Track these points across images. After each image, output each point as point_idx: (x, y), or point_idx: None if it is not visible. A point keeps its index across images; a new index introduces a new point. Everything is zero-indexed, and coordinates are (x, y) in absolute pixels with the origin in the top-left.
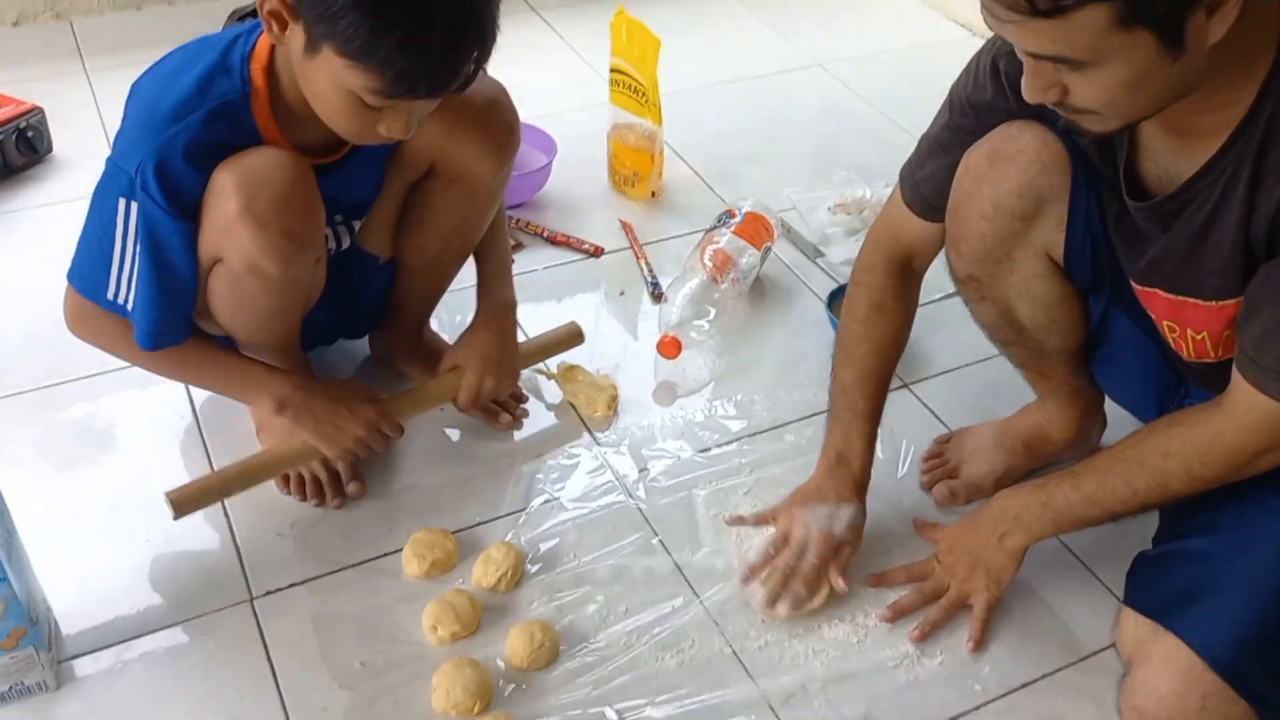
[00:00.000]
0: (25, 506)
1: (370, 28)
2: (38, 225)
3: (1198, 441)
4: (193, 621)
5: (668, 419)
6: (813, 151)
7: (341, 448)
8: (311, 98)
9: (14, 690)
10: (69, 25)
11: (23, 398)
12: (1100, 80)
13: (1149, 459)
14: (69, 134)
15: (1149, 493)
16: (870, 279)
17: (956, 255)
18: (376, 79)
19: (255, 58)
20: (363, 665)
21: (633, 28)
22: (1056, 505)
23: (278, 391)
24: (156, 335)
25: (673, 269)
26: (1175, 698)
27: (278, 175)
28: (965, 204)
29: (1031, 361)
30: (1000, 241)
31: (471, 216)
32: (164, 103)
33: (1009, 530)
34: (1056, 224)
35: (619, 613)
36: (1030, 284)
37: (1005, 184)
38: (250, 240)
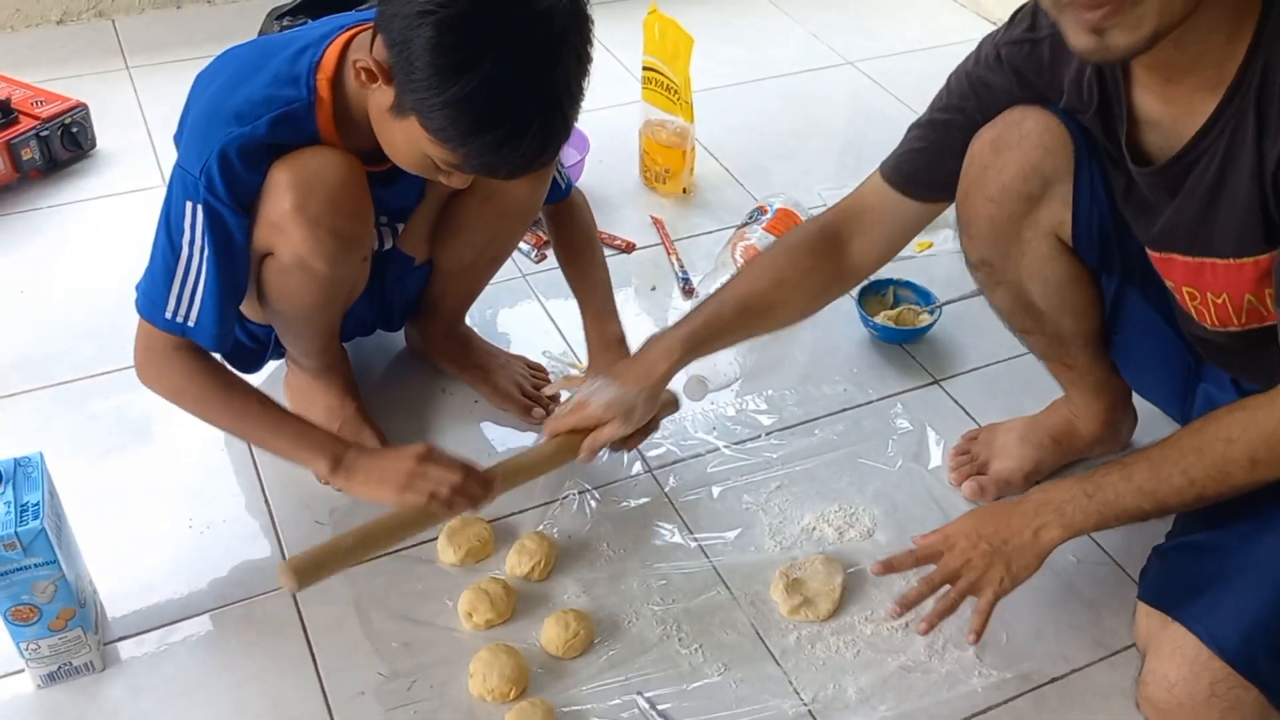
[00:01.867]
0: (73, 492)
1: (465, 128)
2: (82, 220)
3: (1263, 425)
4: (234, 606)
5: (699, 413)
6: (843, 149)
7: (425, 495)
8: (385, 142)
9: (62, 670)
10: (111, 23)
11: (69, 387)
12: None
13: (1209, 446)
14: (112, 130)
15: (1207, 483)
16: (802, 226)
17: (968, 240)
18: (460, 160)
19: (322, 69)
20: (400, 647)
21: (666, 26)
22: (1104, 497)
23: (335, 450)
24: (221, 337)
25: (704, 265)
26: (1184, 685)
27: (332, 176)
28: (972, 190)
29: (1053, 351)
30: (1008, 223)
31: (505, 230)
32: (228, 105)
33: (1047, 523)
34: (1062, 204)
35: (652, 603)
36: (1041, 265)
37: (1010, 169)
38: (301, 237)
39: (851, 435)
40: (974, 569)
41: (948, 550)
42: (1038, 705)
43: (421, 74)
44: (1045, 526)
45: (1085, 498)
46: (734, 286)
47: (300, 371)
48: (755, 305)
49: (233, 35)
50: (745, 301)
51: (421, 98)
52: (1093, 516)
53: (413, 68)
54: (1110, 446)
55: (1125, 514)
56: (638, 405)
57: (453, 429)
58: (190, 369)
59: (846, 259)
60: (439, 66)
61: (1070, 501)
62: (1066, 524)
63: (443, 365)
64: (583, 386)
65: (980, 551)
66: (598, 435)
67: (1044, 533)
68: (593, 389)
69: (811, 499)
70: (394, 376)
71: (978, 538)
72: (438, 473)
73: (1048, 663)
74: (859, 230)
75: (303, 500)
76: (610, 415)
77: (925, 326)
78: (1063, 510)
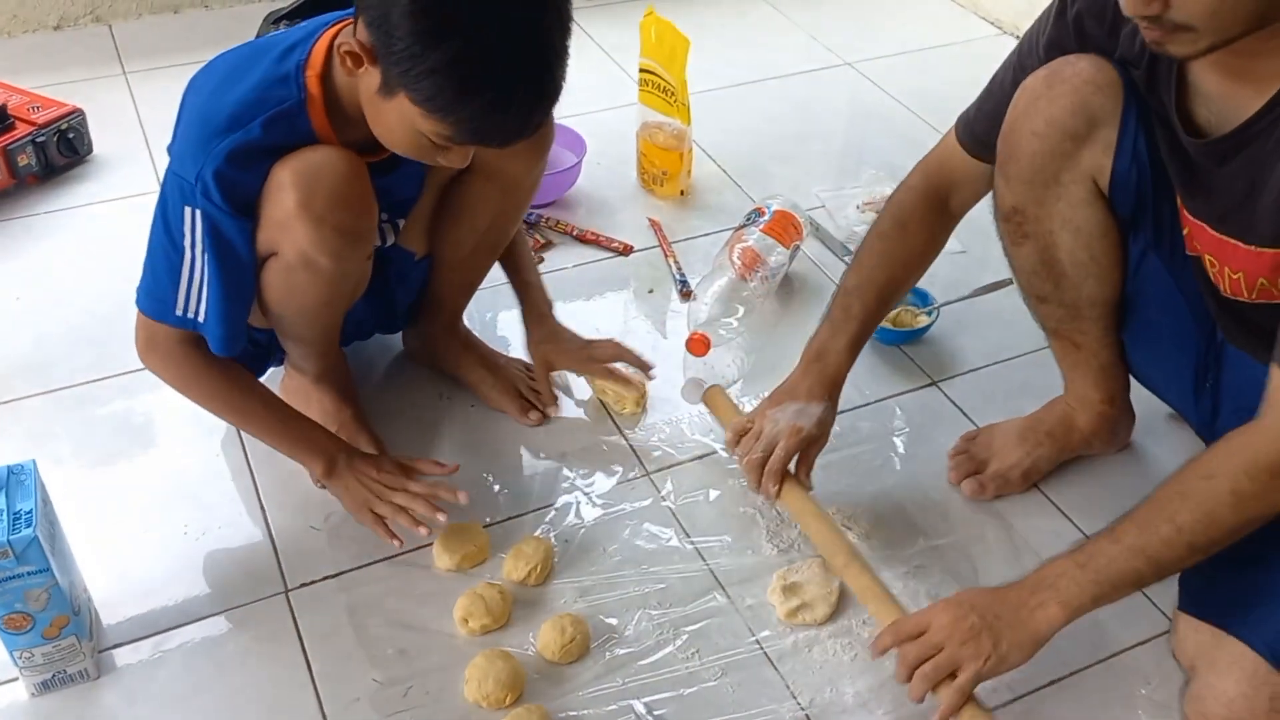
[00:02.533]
0: (68, 499)
1: (455, 93)
2: (79, 225)
3: (1241, 452)
4: (230, 612)
5: (696, 416)
6: (841, 150)
7: (368, 511)
8: (378, 127)
9: (56, 678)
10: (108, 28)
11: (66, 393)
12: None
13: (1191, 488)
14: (109, 135)
15: (1195, 529)
16: (904, 197)
17: (1004, 181)
18: (452, 130)
19: (310, 65)
20: (395, 653)
21: (662, 28)
22: (1096, 565)
23: (331, 452)
24: (231, 340)
25: (701, 267)
26: (1244, 701)
27: (335, 173)
28: (1019, 122)
29: (1065, 323)
30: (1050, 159)
31: (507, 211)
32: (221, 110)
33: (1044, 601)
34: (1105, 149)
35: (649, 607)
36: (1075, 211)
37: (1060, 101)
38: (306, 235)
39: (849, 437)
40: (956, 642)
41: (933, 619)
42: (1035, 709)
43: (403, 44)
44: (1042, 605)
45: (1078, 569)
46: (869, 279)
47: (298, 375)
48: (893, 291)
49: (230, 39)
50: (884, 291)
51: (406, 69)
52: (1089, 588)
53: (393, 40)
54: (1108, 445)
55: (1123, 579)
56: (830, 414)
57: (450, 433)
58: (196, 362)
59: (950, 215)
60: (419, 33)
61: (1064, 575)
62: (1064, 601)
63: (441, 367)
64: (768, 415)
65: (968, 625)
66: (809, 455)
67: (1040, 612)
68: (788, 413)
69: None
70: (392, 381)
71: (969, 609)
72: (388, 495)
73: (1045, 667)
74: (953, 188)
75: (298, 506)
76: (822, 431)
77: (923, 328)
78: (1058, 587)
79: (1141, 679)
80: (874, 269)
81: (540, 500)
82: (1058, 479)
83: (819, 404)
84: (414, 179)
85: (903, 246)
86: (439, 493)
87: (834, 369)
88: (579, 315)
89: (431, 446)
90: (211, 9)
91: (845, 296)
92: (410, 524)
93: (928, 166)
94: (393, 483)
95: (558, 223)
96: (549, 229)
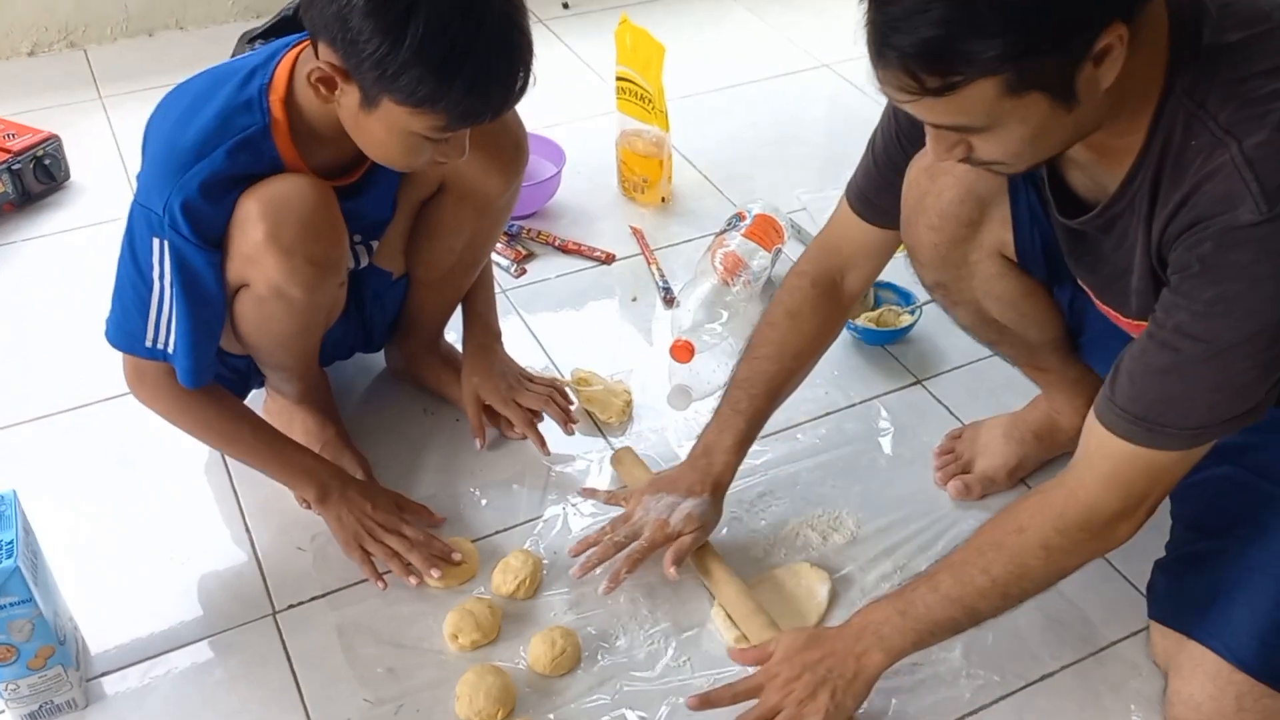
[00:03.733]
0: (51, 528)
1: (435, 77)
2: (57, 252)
3: (1051, 507)
4: (217, 637)
5: (683, 423)
6: (822, 152)
7: (358, 546)
8: (369, 145)
9: (44, 709)
10: (83, 53)
11: (47, 421)
12: (1001, 139)
13: (1004, 539)
14: (86, 161)
15: (1009, 580)
16: (795, 284)
17: (919, 265)
18: (443, 118)
19: (273, 89)
20: (385, 672)
21: (637, 35)
22: (916, 613)
23: (322, 479)
24: (198, 372)
25: (684, 274)
26: (1211, 704)
27: (302, 203)
28: (913, 218)
29: (1023, 357)
30: (953, 247)
31: (483, 231)
32: (185, 140)
33: (868, 648)
34: (1002, 223)
35: (640, 618)
36: (992, 284)
37: (946, 194)
38: (276, 267)
39: (834, 439)
40: (795, 699)
41: (768, 681)
42: (1026, 705)
43: (370, 47)
44: (866, 652)
45: (899, 616)
46: (759, 372)
47: (280, 398)
48: (783, 384)
49: (206, 60)
50: (773, 385)
51: (382, 71)
52: (909, 635)
53: (360, 47)
54: None
55: (939, 627)
56: (711, 512)
57: (435, 450)
58: (184, 392)
59: (843, 296)
60: (382, 29)
61: (886, 623)
62: (887, 648)
63: (424, 384)
64: (643, 502)
65: (804, 682)
66: (681, 545)
67: (865, 658)
68: (660, 504)
69: (795, 504)
70: (375, 398)
71: (801, 667)
72: (381, 535)
73: (1034, 662)
74: (847, 267)
75: (284, 528)
76: (692, 527)
77: (906, 327)
78: (880, 633)
79: (1132, 672)
80: (764, 360)
81: (527, 513)
82: (1044, 476)
83: (695, 499)
84: (385, 200)
85: (795, 336)
86: (432, 546)
87: (719, 468)
88: (563, 326)
89: (417, 462)
90: (187, 30)
91: (735, 390)
92: (402, 571)
93: (819, 249)
94: (387, 523)
95: (539, 234)
96: (530, 240)
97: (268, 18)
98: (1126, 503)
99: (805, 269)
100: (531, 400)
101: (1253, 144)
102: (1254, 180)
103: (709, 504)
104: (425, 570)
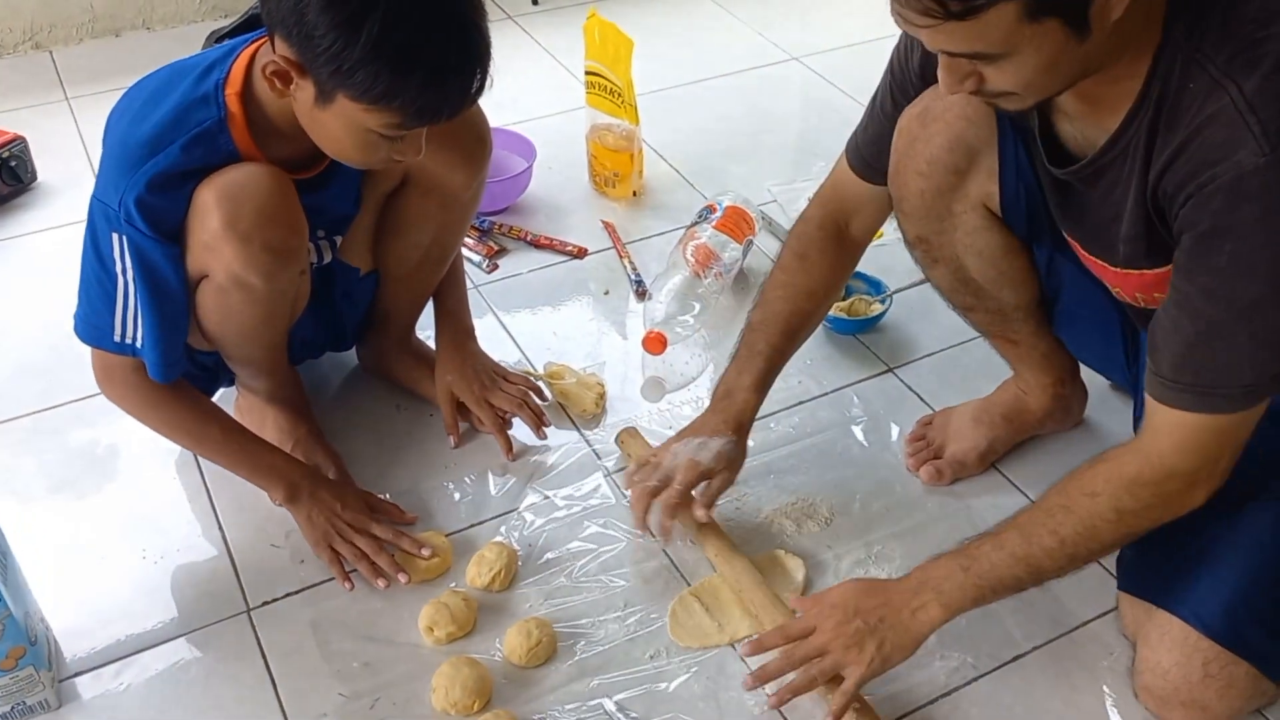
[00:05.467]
0: (22, 529)
1: (390, 74)
2: (25, 254)
3: (1125, 473)
4: (191, 635)
5: (656, 414)
6: (792, 145)
7: (327, 546)
8: (324, 140)
9: (16, 710)
10: (49, 55)
11: (16, 423)
12: (1014, 68)
13: (1075, 501)
14: (53, 162)
15: (1077, 542)
16: (802, 229)
17: (903, 217)
18: (398, 116)
19: (230, 84)
20: (361, 667)
21: (605, 30)
22: (979, 569)
23: (292, 478)
24: (167, 366)
25: (656, 267)
26: (1178, 670)
27: (259, 190)
28: (902, 164)
29: (996, 326)
30: (938, 196)
31: (449, 224)
32: (140, 135)
33: (925, 603)
34: (989, 175)
35: (615, 607)
36: (974, 238)
37: (936, 140)
38: (234, 255)
39: (808, 427)
40: (840, 646)
41: (820, 623)
42: (1000, 684)
43: (326, 41)
44: (924, 606)
45: (962, 572)
46: (773, 314)
47: (251, 395)
48: (799, 324)
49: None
50: (789, 325)
51: (337, 67)
52: (970, 591)
53: (316, 42)
54: (1062, 422)
55: (1002, 585)
56: (737, 451)
57: (408, 445)
58: (153, 390)
59: (851, 239)
60: (338, 25)
61: (948, 578)
62: (945, 602)
63: (396, 379)
64: (670, 448)
65: (852, 629)
66: (711, 488)
67: (922, 613)
68: (688, 446)
69: (769, 492)
70: (347, 395)
71: (853, 613)
72: (351, 535)
73: (1007, 642)
74: (851, 213)
75: (257, 525)
76: (721, 465)
77: (877, 315)
78: (941, 588)
79: (1104, 650)
80: (777, 302)
81: (501, 506)
82: (1014, 458)
83: (721, 438)
84: (349, 195)
85: (805, 278)
86: (401, 544)
87: (740, 406)
88: (535, 320)
89: (390, 458)
90: (154, 30)
91: (751, 333)
92: (370, 573)
93: (823, 196)
94: (356, 522)
95: (511, 229)
96: (502, 235)
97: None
98: (1201, 466)
99: (811, 215)
100: (505, 401)
101: (1252, 86)
102: (1255, 122)
103: (735, 443)
104: (392, 574)
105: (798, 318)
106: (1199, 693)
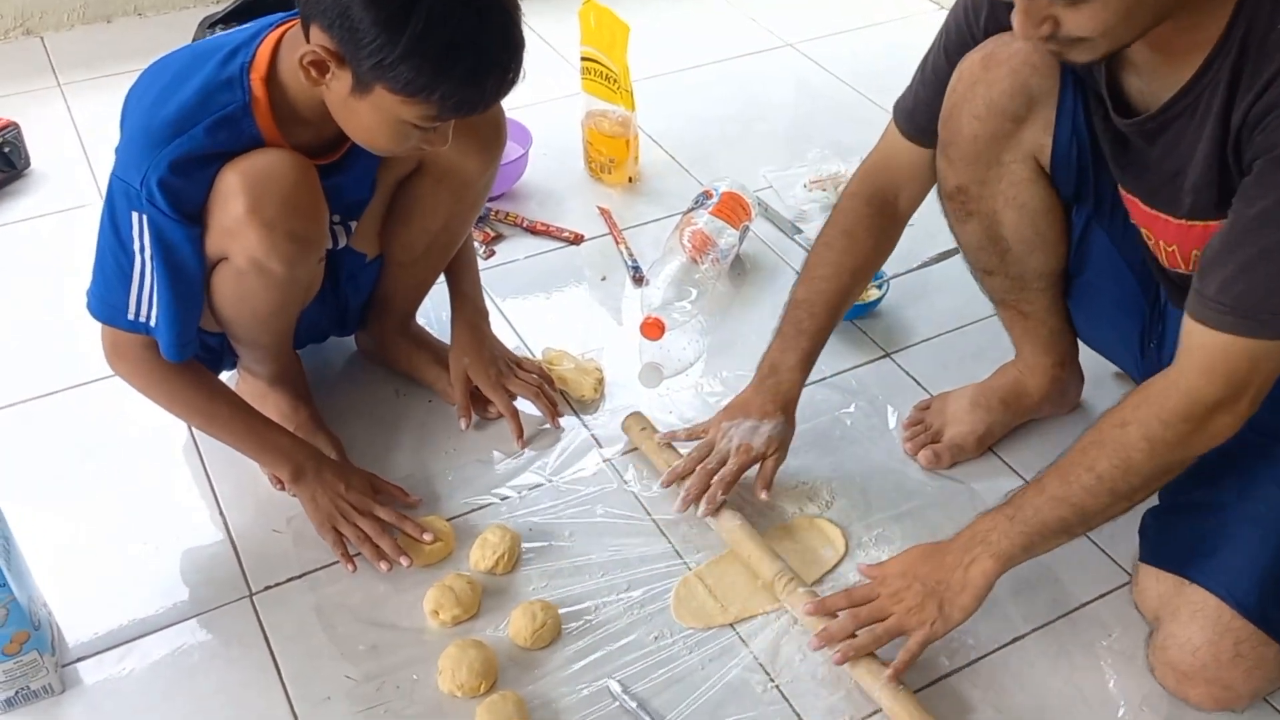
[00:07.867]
0: (24, 515)
1: (433, 69)
2: (19, 240)
3: (1152, 400)
4: (194, 619)
5: (655, 399)
6: (787, 130)
7: (331, 528)
8: (355, 129)
9: (20, 695)
10: (40, 41)
11: (16, 409)
12: (1094, 10)
13: (1107, 435)
14: (46, 148)
15: (1114, 476)
16: (848, 205)
17: (947, 163)
18: (436, 109)
19: (255, 68)
20: (366, 650)
21: (601, 15)
22: (1024, 516)
23: (298, 459)
24: (181, 345)
25: (653, 253)
26: (1209, 648)
27: (284, 177)
28: (959, 106)
29: (1012, 294)
30: (991, 142)
31: (460, 213)
32: (164, 115)
33: (977, 556)
34: (1044, 127)
35: (618, 589)
36: (1018, 190)
37: (998, 85)
38: (257, 241)
39: (806, 412)
40: (904, 608)
41: (881, 588)
42: (1001, 667)
43: (369, 36)
44: (976, 560)
45: (1008, 521)
46: (818, 291)
47: (253, 379)
48: (843, 299)
49: (164, 47)
50: (834, 302)
51: (380, 60)
52: (1018, 539)
53: (359, 35)
54: (1059, 407)
55: (1049, 529)
56: (787, 430)
57: (408, 430)
58: (162, 367)
59: (898, 214)
60: (383, 20)
61: (995, 529)
62: (995, 552)
63: (395, 366)
64: (721, 429)
65: (913, 592)
66: (766, 469)
67: (974, 567)
68: (740, 429)
69: None
70: (347, 381)
71: (914, 578)
72: (354, 517)
73: (1007, 624)
74: (900, 185)
75: (259, 509)
76: (773, 448)
77: (874, 301)
78: (989, 540)
79: (1103, 631)
80: (823, 280)
81: (502, 490)
82: (1012, 441)
83: (771, 421)
84: (365, 180)
85: (851, 256)
86: (405, 527)
87: (787, 385)
88: (533, 306)
89: (391, 443)
90: (145, 16)
91: (795, 310)
92: (373, 555)
93: (870, 169)
94: (360, 504)
95: (507, 215)
96: (499, 222)
97: (227, 2)
98: (1228, 391)
99: (857, 190)
100: (521, 388)
101: None
102: None
103: (783, 424)
104: (394, 557)
105: (842, 295)
106: (1226, 671)
